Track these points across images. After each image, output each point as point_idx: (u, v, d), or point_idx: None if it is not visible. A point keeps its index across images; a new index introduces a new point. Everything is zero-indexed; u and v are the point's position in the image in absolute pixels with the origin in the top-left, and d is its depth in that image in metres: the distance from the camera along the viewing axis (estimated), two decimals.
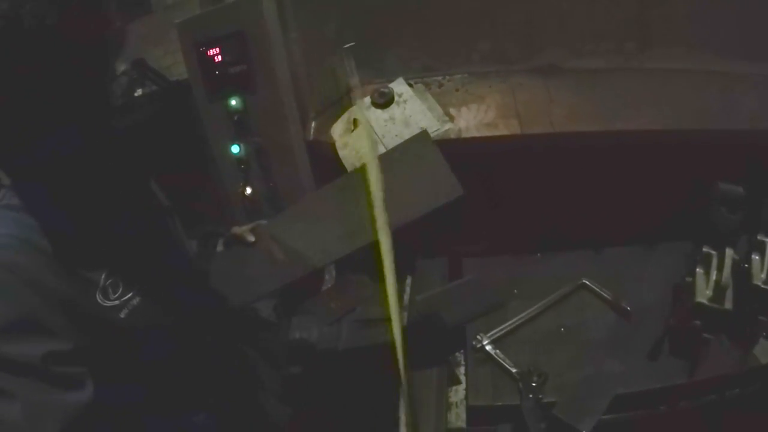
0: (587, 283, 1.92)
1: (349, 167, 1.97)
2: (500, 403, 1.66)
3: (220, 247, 1.70)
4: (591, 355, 1.72)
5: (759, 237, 1.71)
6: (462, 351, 1.83)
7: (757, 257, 1.68)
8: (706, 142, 1.85)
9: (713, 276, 1.69)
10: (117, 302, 1.10)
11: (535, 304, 1.88)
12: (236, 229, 1.65)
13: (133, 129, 2.70)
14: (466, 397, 1.71)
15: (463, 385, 1.75)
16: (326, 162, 2.04)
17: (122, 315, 1.10)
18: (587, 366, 1.70)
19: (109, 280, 1.10)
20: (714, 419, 1.66)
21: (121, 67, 2.69)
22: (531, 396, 1.62)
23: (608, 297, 1.87)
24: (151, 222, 1.30)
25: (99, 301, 1.08)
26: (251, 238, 1.60)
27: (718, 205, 1.75)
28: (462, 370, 1.80)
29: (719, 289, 1.67)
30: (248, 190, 2.10)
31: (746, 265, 1.69)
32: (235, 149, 2.06)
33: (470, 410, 1.68)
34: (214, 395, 1.33)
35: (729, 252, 1.71)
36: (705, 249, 1.75)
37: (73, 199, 1.08)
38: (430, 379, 1.74)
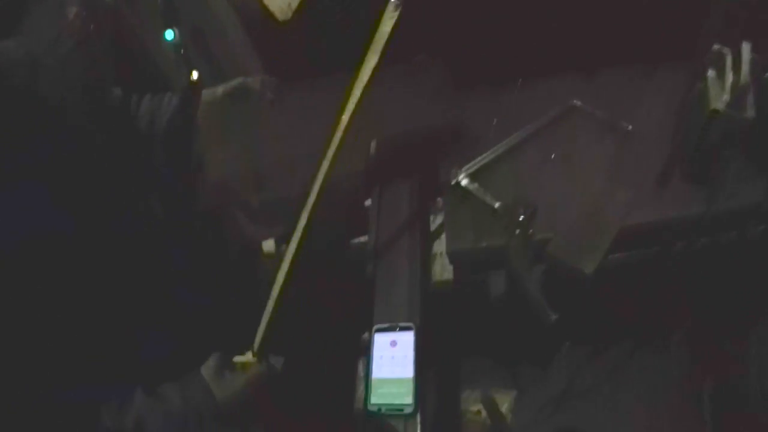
0: (579, 104, 1.63)
1: (274, 9, 1.78)
2: (484, 244, 1.40)
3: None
4: (588, 183, 1.46)
5: None
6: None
7: None
8: None
9: (729, 78, 1.40)
10: None
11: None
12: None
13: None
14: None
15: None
16: (258, 20, 1.86)
17: None
18: (584, 196, 1.43)
19: None
20: (737, 258, 1.43)
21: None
22: (518, 232, 1.36)
23: (605, 118, 1.59)
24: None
25: None
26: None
27: None
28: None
29: (738, 92, 1.39)
30: (194, 75, 1.99)
31: None
32: (169, 35, 1.95)
33: (453, 257, 1.44)
34: None
35: (746, 47, 1.42)
36: (716, 46, 1.45)
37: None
38: (402, 229, 1.49)
